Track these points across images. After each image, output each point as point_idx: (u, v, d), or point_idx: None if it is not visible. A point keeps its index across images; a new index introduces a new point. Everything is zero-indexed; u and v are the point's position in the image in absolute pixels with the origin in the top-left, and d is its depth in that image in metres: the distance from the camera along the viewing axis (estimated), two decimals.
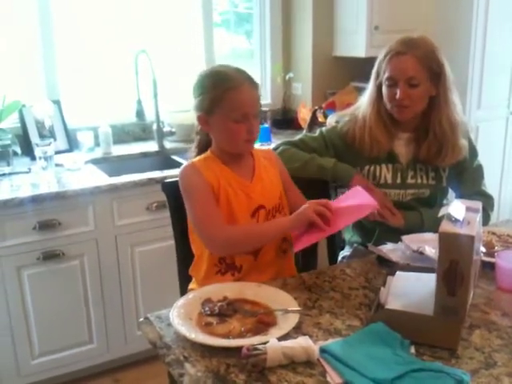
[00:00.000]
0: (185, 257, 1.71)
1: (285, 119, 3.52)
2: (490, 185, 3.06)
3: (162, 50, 3.16)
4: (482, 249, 1.61)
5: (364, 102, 1.87)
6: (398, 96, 1.74)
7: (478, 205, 1.30)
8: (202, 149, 1.66)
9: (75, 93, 2.99)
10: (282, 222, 1.56)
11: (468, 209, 1.23)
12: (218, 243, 1.53)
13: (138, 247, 2.50)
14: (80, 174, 2.52)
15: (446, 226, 1.13)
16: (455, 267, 1.10)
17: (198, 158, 1.63)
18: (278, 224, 1.56)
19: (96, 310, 2.46)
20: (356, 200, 1.52)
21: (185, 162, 1.65)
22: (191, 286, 1.66)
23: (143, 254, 2.51)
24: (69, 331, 2.42)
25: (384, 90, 1.78)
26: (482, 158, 3.36)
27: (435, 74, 1.74)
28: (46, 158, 2.51)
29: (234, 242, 1.53)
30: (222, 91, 1.48)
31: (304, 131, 2.99)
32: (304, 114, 3.30)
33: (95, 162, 2.73)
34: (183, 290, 1.70)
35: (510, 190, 3.85)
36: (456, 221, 1.15)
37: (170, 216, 1.77)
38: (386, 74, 1.76)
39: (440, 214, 1.20)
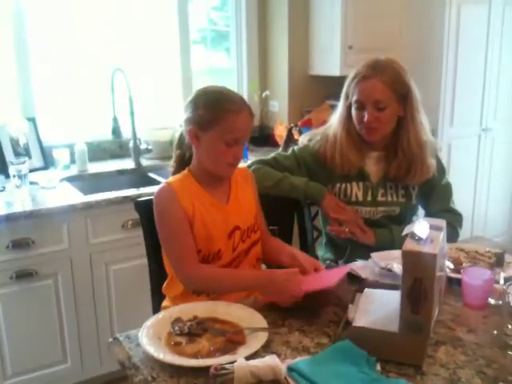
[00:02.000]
0: (157, 275, 1.72)
1: (262, 136, 3.56)
2: (463, 201, 3.13)
3: (139, 67, 3.18)
4: (450, 265, 1.64)
5: (334, 121, 1.90)
6: (365, 119, 1.77)
7: (442, 223, 1.32)
8: (180, 164, 1.67)
9: (51, 110, 2.98)
10: (258, 278, 1.52)
11: (432, 227, 1.26)
12: (190, 283, 1.55)
13: (113, 265, 2.49)
14: (55, 192, 2.52)
15: (409, 245, 1.15)
16: (419, 285, 1.12)
17: (175, 177, 1.63)
18: (254, 278, 1.53)
19: (70, 329, 2.44)
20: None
21: (162, 180, 1.65)
22: (164, 303, 1.66)
23: (118, 272, 2.51)
24: (42, 351, 2.40)
25: (353, 111, 1.82)
26: (456, 175, 3.45)
27: (402, 95, 1.78)
28: (20, 176, 2.49)
29: (206, 284, 1.55)
30: (224, 111, 1.50)
31: (280, 148, 3.03)
32: (280, 132, 3.34)
33: (70, 179, 2.73)
34: (156, 309, 1.70)
35: (483, 206, 3.93)
36: (419, 239, 1.17)
37: (143, 235, 1.77)
38: (354, 97, 1.80)
39: (404, 233, 1.22)
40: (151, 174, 2.97)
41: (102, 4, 3.03)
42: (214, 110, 1.50)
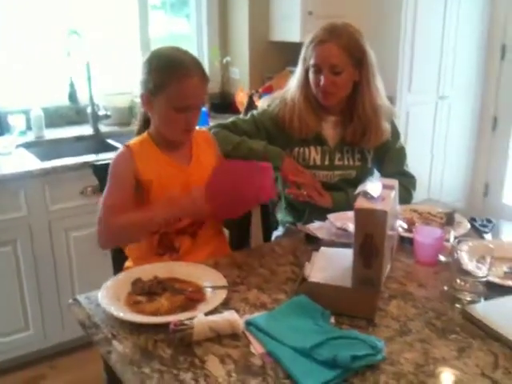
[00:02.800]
0: None
1: (223, 103, 3.54)
2: (420, 167, 3.20)
3: (96, 31, 3.10)
4: (404, 225, 1.70)
5: (293, 85, 1.92)
6: (322, 83, 1.80)
7: (394, 183, 1.37)
8: (144, 123, 1.66)
9: (5, 75, 2.89)
10: (162, 203, 1.54)
11: (384, 186, 1.30)
12: (103, 232, 1.51)
13: (73, 232, 2.48)
14: (11, 158, 2.46)
15: (361, 202, 1.19)
16: (370, 241, 1.17)
17: (134, 140, 1.62)
18: (160, 204, 1.54)
19: (31, 296, 2.42)
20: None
21: (120, 146, 1.63)
22: (127, 264, 1.67)
23: (78, 238, 2.49)
24: (4, 318, 2.38)
25: (310, 75, 1.84)
26: (413, 141, 3.53)
27: (358, 60, 1.81)
28: None
29: (117, 231, 1.52)
30: (171, 77, 1.46)
31: (241, 115, 3.03)
32: (241, 98, 3.33)
33: (27, 146, 2.67)
34: (117, 272, 1.71)
35: (439, 171, 4.04)
36: (371, 197, 1.22)
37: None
38: (311, 61, 1.81)
39: (357, 192, 1.26)
40: (110, 141, 2.93)
41: None
42: (162, 75, 1.48)
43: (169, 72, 1.47)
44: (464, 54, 3.90)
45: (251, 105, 3.14)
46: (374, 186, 1.28)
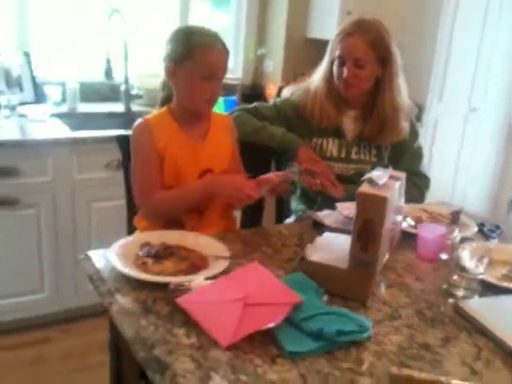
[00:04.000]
0: (134, 208, 1.79)
1: (253, 94, 3.60)
2: (445, 175, 3.20)
3: (137, 13, 3.19)
4: (411, 222, 1.73)
5: (317, 76, 1.97)
6: (344, 74, 1.84)
7: (401, 175, 1.41)
8: (165, 105, 1.72)
9: (46, 46, 3.00)
10: (205, 182, 1.63)
11: (391, 176, 1.34)
12: (149, 210, 1.65)
13: (94, 203, 2.56)
14: (43, 125, 2.57)
15: (364, 188, 1.23)
16: (369, 225, 1.21)
17: (153, 114, 1.70)
18: (202, 183, 1.63)
19: (49, 260, 2.52)
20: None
21: (136, 121, 1.71)
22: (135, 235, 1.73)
23: (99, 209, 2.57)
24: (20, 278, 2.48)
25: (334, 67, 1.89)
26: (439, 151, 3.52)
27: (382, 57, 1.85)
28: (10, 107, 2.55)
29: (162, 207, 1.63)
30: (197, 45, 1.55)
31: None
32: (272, 91, 3.39)
33: (60, 116, 2.77)
34: None
35: (462, 182, 4.02)
36: (376, 184, 1.26)
37: (123, 167, 1.84)
38: (337, 53, 1.86)
39: (363, 178, 1.30)
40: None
41: None
42: (187, 44, 1.55)
43: (194, 40, 1.55)
44: (499, 68, 3.87)
45: (279, 97, 3.18)
46: (380, 174, 1.32)
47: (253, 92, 3.63)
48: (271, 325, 1.08)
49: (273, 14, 3.61)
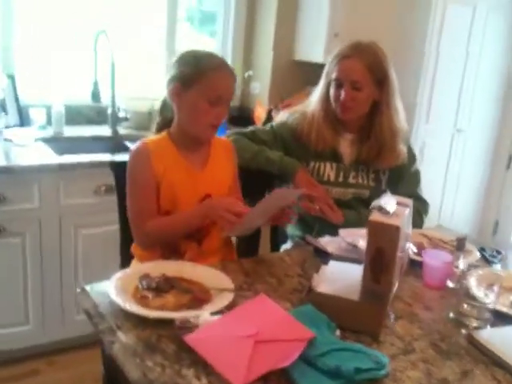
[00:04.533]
0: (128, 236, 1.72)
1: (241, 116, 3.57)
2: (433, 196, 3.19)
3: (124, 36, 3.16)
4: (414, 248, 1.70)
5: (314, 99, 1.95)
6: (342, 97, 1.82)
7: (409, 201, 1.38)
8: (161, 130, 1.68)
9: (31, 69, 2.94)
10: (201, 208, 1.58)
11: (398, 203, 1.31)
12: (143, 238, 1.61)
13: (83, 229, 2.48)
14: (29, 150, 2.49)
15: (375, 216, 1.20)
16: (381, 255, 1.17)
17: (152, 138, 1.65)
18: (198, 209, 1.58)
19: (34, 290, 2.42)
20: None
21: (135, 144, 1.66)
22: (133, 263, 1.67)
23: (87, 237, 2.50)
24: (4, 310, 2.38)
25: (331, 89, 1.87)
26: (427, 172, 3.52)
27: (379, 79, 1.84)
28: None
29: (157, 234, 1.58)
30: (207, 68, 1.52)
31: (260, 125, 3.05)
32: (259, 113, 3.36)
33: (46, 140, 2.69)
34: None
35: (450, 205, 4.03)
36: (386, 212, 1.22)
37: (117, 194, 1.78)
38: (334, 75, 1.84)
39: (372, 206, 1.27)
40: (127, 143, 2.96)
41: None
42: (197, 67, 1.52)
43: (206, 63, 1.52)
44: (484, 91, 3.93)
45: (269, 120, 3.15)
46: (389, 201, 1.28)
47: (240, 114, 3.61)
48: (286, 364, 1.03)
49: (260, 36, 3.60)
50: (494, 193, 4.18)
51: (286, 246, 2.07)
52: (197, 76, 1.51)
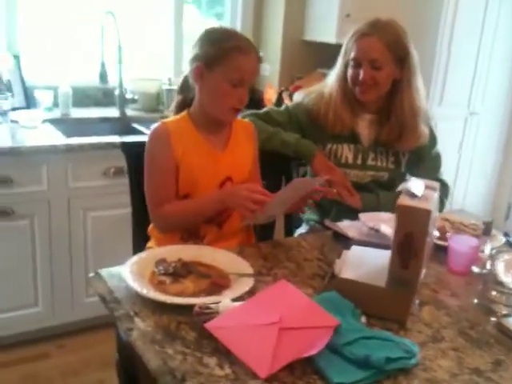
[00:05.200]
0: (141, 218, 1.68)
1: (251, 99, 3.46)
2: (445, 179, 3.11)
3: (131, 16, 3.08)
4: (436, 233, 1.64)
5: (331, 79, 1.88)
6: (361, 77, 1.76)
7: (436, 184, 1.32)
8: (181, 109, 1.63)
9: (36, 50, 2.88)
10: (220, 194, 1.53)
11: (426, 187, 1.25)
12: (160, 221, 1.56)
13: (91, 212, 2.44)
14: (36, 132, 2.44)
15: (403, 200, 1.14)
16: (410, 240, 1.12)
17: (171, 118, 1.60)
18: (218, 194, 1.52)
19: (43, 272, 2.39)
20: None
21: (145, 132, 1.61)
22: (149, 244, 1.63)
23: (96, 219, 2.46)
24: (14, 292, 2.35)
25: (349, 70, 1.80)
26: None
27: (400, 58, 1.77)
28: (1, 113, 2.42)
29: (174, 218, 1.54)
30: (232, 49, 1.45)
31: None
32: (270, 95, 3.29)
33: (53, 122, 2.64)
34: (137, 251, 1.67)
35: (463, 186, 3.97)
36: (414, 196, 1.17)
37: (128, 176, 1.73)
38: (352, 55, 1.78)
39: (398, 189, 1.21)
40: (135, 125, 2.90)
41: None
42: (222, 47, 1.46)
43: (230, 44, 1.46)
44: (497, 73, 3.84)
45: (280, 102, 3.09)
46: (416, 184, 1.23)
47: (251, 96, 3.52)
48: (313, 352, 0.98)
49: (269, 16, 3.52)
50: (507, 177, 4.11)
51: (301, 230, 2.02)
52: (220, 57, 1.45)
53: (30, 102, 2.75)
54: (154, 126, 1.55)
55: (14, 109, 2.56)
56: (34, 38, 2.86)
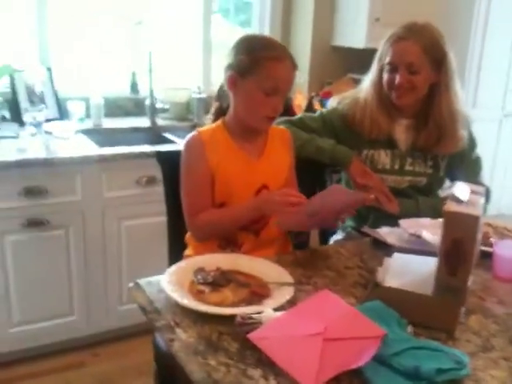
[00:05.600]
0: (177, 227, 1.67)
1: None
2: None
3: (160, 26, 3.10)
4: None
5: (366, 84, 1.85)
6: (397, 81, 1.72)
7: (481, 189, 1.28)
8: (218, 116, 1.62)
9: (68, 61, 2.91)
10: (255, 201, 1.51)
11: (472, 191, 1.21)
12: (195, 230, 1.56)
13: (126, 221, 2.45)
14: (70, 142, 2.46)
15: (451, 206, 1.11)
16: (458, 247, 1.08)
17: (207, 127, 1.59)
18: (253, 202, 1.51)
19: (78, 282, 2.41)
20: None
21: (177, 141, 1.61)
22: (187, 252, 1.62)
23: (130, 228, 2.47)
24: (49, 301, 2.37)
25: (384, 74, 1.77)
26: None
27: (437, 61, 1.73)
28: (35, 125, 2.45)
29: (209, 227, 1.53)
30: (266, 58, 1.43)
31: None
32: (299, 101, 3.27)
33: (85, 132, 2.66)
34: (173, 260, 1.66)
35: (498, 189, 3.87)
36: (460, 201, 1.13)
37: (163, 185, 1.72)
38: (387, 59, 1.75)
39: (443, 195, 1.18)
40: (166, 134, 2.91)
41: None
42: (254, 55, 1.44)
43: (263, 53, 1.44)
44: None
45: (310, 108, 3.07)
46: (462, 189, 1.19)
47: None
48: (360, 364, 0.95)
49: (297, 23, 3.50)
50: None
51: (337, 236, 1.98)
52: (254, 66, 1.43)
53: (62, 113, 2.78)
54: (189, 135, 1.55)
55: (47, 120, 2.59)
56: (66, 50, 2.90)
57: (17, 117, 2.61)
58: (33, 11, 2.75)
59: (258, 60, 1.43)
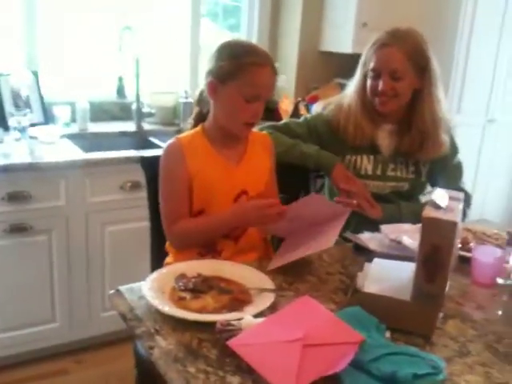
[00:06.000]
0: (160, 233, 1.67)
1: (266, 109, 3.45)
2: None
3: (148, 31, 3.10)
4: (458, 244, 1.61)
5: (350, 90, 1.86)
6: (380, 88, 1.73)
7: (460, 195, 1.30)
8: (198, 121, 1.62)
9: (54, 65, 2.90)
10: (233, 211, 1.50)
11: (451, 198, 1.23)
12: (173, 239, 1.56)
13: (109, 226, 2.44)
14: (54, 147, 2.45)
15: (429, 212, 1.12)
16: (436, 253, 1.09)
17: (186, 133, 1.59)
18: (230, 212, 1.50)
19: (61, 288, 2.39)
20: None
21: (163, 145, 1.61)
22: (168, 260, 1.62)
23: (114, 233, 2.46)
24: (31, 308, 2.35)
25: (368, 81, 1.78)
26: None
27: (420, 67, 1.74)
28: (20, 129, 2.43)
29: (187, 236, 1.53)
30: (248, 62, 1.43)
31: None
32: (286, 106, 3.29)
33: (71, 137, 2.65)
34: (155, 267, 1.66)
35: (481, 194, 3.91)
36: (439, 207, 1.14)
37: (147, 190, 1.72)
38: (371, 65, 1.76)
39: (423, 201, 1.19)
40: (152, 139, 2.92)
41: None
42: (235, 62, 1.44)
43: (246, 58, 1.43)
44: None
45: (296, 113, 3.09)
46: (441, 195, 1.20)
47: (266, 107, 3.51)
48: (338, 369, 0.96)
49: (285, 27, 3.52)
50: None
51: None
52: (234, 72, 1.43)
53: (48, 117, 2.77)
54: (168, 142, 1.55)
55: (32, 125, 2.57)
56: (52, 55, 2.89)
57: (1, 121, 2.58)
58: (20, 15, 2.73)
59: (240, 65, 1.43)
